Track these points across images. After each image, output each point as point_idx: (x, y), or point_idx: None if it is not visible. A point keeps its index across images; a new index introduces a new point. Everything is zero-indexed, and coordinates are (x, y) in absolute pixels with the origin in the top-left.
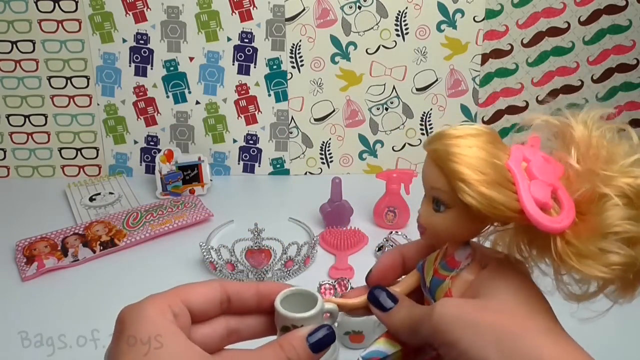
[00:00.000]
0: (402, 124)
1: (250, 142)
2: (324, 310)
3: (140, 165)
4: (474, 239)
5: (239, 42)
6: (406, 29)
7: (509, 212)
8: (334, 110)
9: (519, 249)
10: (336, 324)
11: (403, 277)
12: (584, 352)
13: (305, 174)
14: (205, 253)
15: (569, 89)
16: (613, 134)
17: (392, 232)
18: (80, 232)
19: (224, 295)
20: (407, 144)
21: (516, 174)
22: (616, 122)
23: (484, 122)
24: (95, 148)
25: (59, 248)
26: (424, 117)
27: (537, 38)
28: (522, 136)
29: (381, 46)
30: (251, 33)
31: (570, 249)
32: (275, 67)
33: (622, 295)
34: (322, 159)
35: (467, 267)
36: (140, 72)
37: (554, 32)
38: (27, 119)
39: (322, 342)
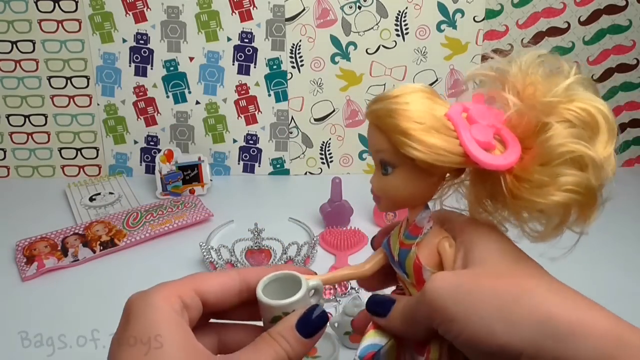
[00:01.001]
0: None
1: (250, 142)
2: (309, 288)
3: (140, 165)
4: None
5: (239, 42)
6: (406, 29)
7: (454, 156)
8: (334, 110)
9: (483, 206)
10: (322, 302)
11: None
12: (585, 297)
13: (305, 174)
14: (205, 253)
15: None
16: (549, 69)
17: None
18: (80, 232)
19: (244, 285)
20: None
21: (455, 120)
22: (548, 55)
23: None
24: (95, 148)
25: (59, 248)
26: None
27: (537, 38)
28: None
29: (381, 46)
30: (251, 33)
31: (521, 184)
32: (275, 67)
33: (583, 221)
34: (322, 159)
35: (430, 231)
36: (140, 72)
37: (554, 32)
38: (27, 119)
39: (314, 326)
